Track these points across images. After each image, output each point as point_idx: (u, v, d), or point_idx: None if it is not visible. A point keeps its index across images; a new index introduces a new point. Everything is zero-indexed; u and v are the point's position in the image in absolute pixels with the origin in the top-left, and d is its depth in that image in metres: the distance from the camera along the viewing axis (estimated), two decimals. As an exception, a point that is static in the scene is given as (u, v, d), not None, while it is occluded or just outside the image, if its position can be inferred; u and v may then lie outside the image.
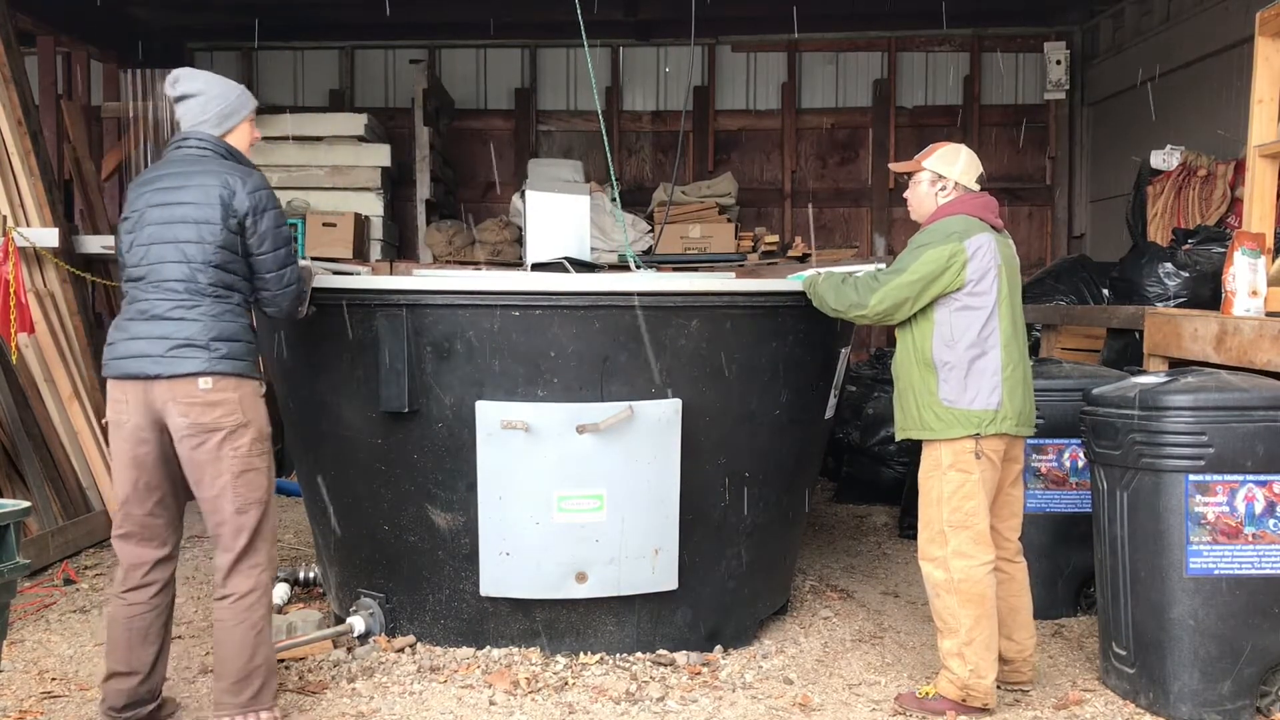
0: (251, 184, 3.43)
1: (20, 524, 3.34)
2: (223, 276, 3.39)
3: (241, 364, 3.40)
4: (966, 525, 3.71)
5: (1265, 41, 4.75)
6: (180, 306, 3.35)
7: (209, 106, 3.53)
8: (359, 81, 10.40)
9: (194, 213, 3.37)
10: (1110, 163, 9.28)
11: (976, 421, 3.69)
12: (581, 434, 3.97)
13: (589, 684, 4.01)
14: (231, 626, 3.44)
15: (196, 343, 3.33)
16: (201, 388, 3.33)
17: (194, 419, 3.33)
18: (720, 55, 10.28)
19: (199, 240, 3.36)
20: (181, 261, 3.36)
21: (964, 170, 3.89)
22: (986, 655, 3.72)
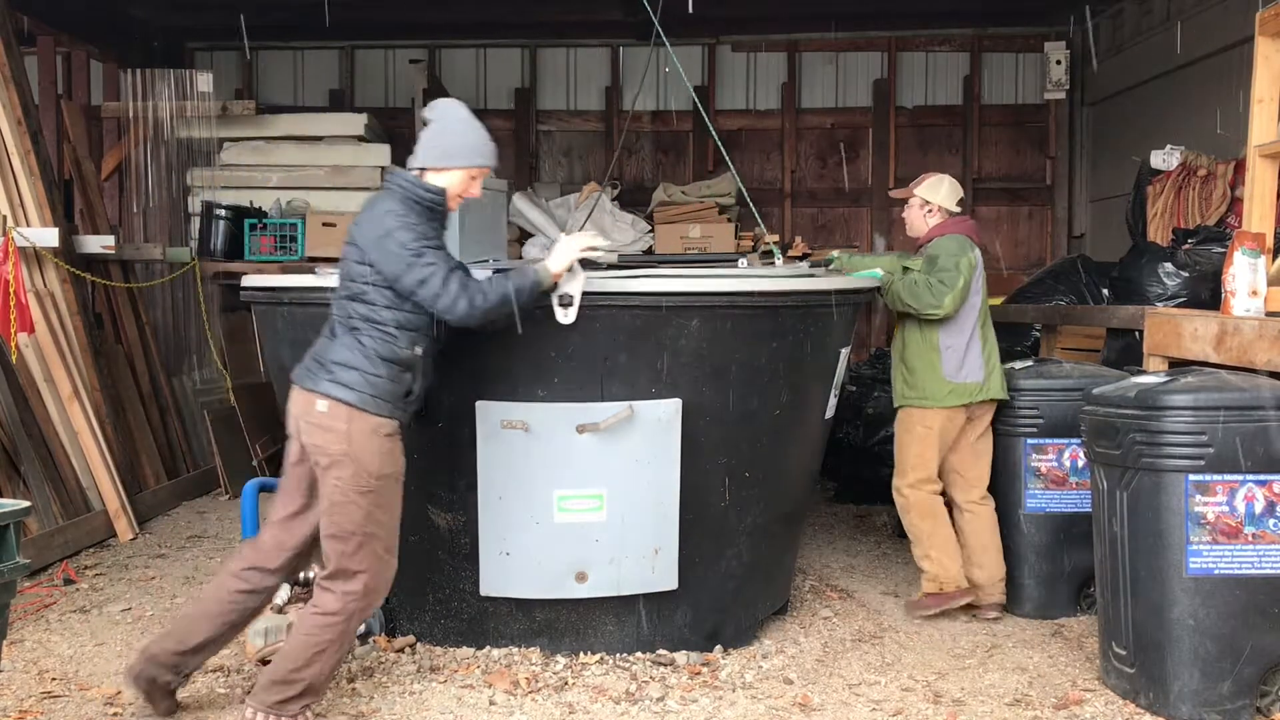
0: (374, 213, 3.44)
1: (20, 524, 3.34)
2: (357, 307, 3.44)
3: (355, 395, 3.39)
4: (926, 470, 4.85)
5: (1265, 41, 4.75)
6: (334, 327, 3.52)
7: (437, 138, 3.55)
8: (359, 81, 10.40)
9: (345, 249, 3.51)
10: (1110, 163, 9.28)
11: (969, 392, 4.79)
12: (581, 434, 3.97)
13: (589, 684, 4.01)
14: (300, 633, 3.49)
15: (322, 362, 3.45)
16: (318, 409, 3.40)
17: (310, 438, 3.44)
18: (720, 55, 10.29)
19: (343, 275, 3.50)
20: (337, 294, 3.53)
21: (946, 196, 4.96)
22: (946, 552, 4.80)
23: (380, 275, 3.41)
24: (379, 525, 3.47)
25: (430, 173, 3.54)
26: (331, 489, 3.41)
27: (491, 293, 3.49)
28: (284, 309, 4.37)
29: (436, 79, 9.70)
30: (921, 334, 4.80)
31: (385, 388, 3.43)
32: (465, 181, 3.59)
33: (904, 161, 10.12)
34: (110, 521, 6.18)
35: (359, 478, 3.40)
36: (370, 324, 3.43)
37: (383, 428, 3.44)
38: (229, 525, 6.53)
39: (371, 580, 3.49)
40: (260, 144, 8.68)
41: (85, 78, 8.88)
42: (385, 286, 3.42)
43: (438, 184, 3.54)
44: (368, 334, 3.43)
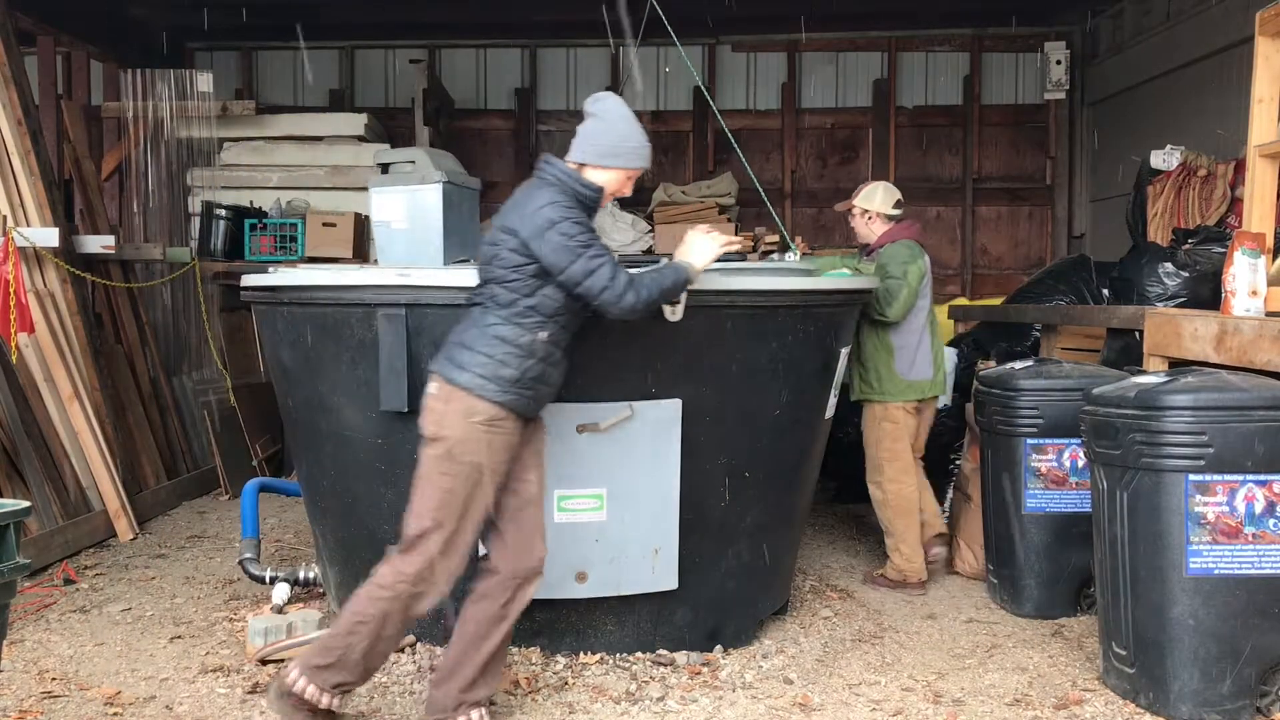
0: (535, 205, 3.40)
1: (20, 524, 3.34)
2: (497, 292, 3.42)
3: (464, 375, 3.36)
4: (896, 459, 5.23)
5: (1265, 41, 4.75)
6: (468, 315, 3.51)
7: (601, 135, 3.53)
8: (359, 81, 10.40)
9: (491, 235, 3.47)
10: (1110, 163, 9.28)
11: (922, 389, 5.26)
12: (581, 434, 3.97)
13: (589, 684, 4.01)
14: (356, 596, 3.44)
15: (448, 344, 3.46)
16: (429, 389, 3.43)
17: (422, 415, 3.46)
18: (720, 55, 10.29)
19: (487, 262, 3.47)
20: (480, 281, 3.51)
21: (882, 202, 5.36)
22: (915, 549, 5.28)
23: (537, 264, 3.38)
24: (450, 515, 3.39)
25: (590, 169, 3.53)
26: (421, 462, 3.42)
27: (651, 287, 3.50)
28: (283, 309, 4.37)
29: (436, 79, 9.70)
30: (876, 334, 5.18)
31: (495, 370, 3.37)
32: (621, 182, 3.59)
33: (904, 161, 10.13)
34: (110, 521, 6.19)
35: (443, 460, 3.37)
36: (505, 309, 3.41)
37: (481, 413, 3.36)
38: (229, 525, 6.53)
39: (426, 568, 3.38)
40: (260, 144, 8.69)
41: (85, 78, 8.89)
42: (534, 275, 3.39)
43: (596, 181, 3.53)
44: (498, 317, 3.41)
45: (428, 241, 4.79)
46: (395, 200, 4.87)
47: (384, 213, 4.90)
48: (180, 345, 8.28)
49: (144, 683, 4.08)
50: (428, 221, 4.81)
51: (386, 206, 4.90)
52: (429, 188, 4.81)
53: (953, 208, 10.14)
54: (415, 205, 4.83)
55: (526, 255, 3.38)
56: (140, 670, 4.21)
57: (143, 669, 4.22)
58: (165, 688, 4.03)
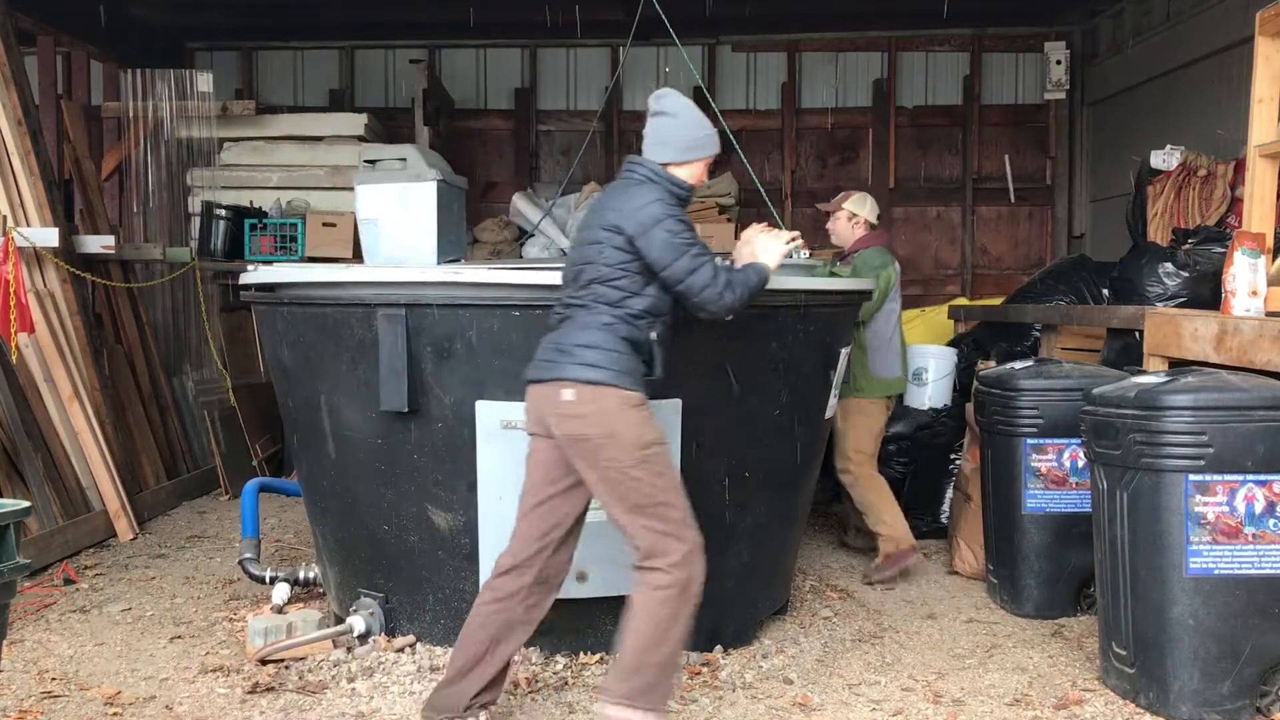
0: (640, 202, 3.43)
1: (20, 524, 3.34)
2: (607, 293, 3.43)
3: (601, 372, 3.35)
4: (865, 450, 5.56)
5: (1265, 41, 4.74)
6: (564, 319, 3.49)
7: (675, 132, 3.58)
8: (359, 81, 10.39)
9: (590, 235, 3.48)
10: (1110, 163, 9.27)
11: (892, 386, 5.62)
12: (581, 434, 3.96)
13: (589, 684, 4.01)
14: (639, 613, 3.36)
15: (563, 348, 3.41)
16: (564, 398, 3.36)
17: (564, 429, 3.38)
18: (720, 55, 10.28)
19: (590, 262, 3.45)
20: (575, 281, 3.49)
21: (870, 210, 5.71)
22: (896, 515, 5.50)
23: (641, 262, 3.41)
24: (665, 491, 3.40)
25: (673, 166, 3.57)
26: (605, 471, 3.36)
27: (743, 288, 3.54)
28: (284, 309, 4.38)
29: (436, 79, 9.69)
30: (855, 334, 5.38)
31: (628, 364, 3.40)
32: (702, 172, 3.64)
33: (904, 161, 10.12)
34: (110, 521, 6.19)
35: (626, 453, 3.35)
36: (615, 308, 3.42)
37: (631, 399, 3.39)
38: (229, 525, 6.53)
39: (686, 545, 3.38)
40: (260, 144, 8.68)
41: (85, 78, 8.88)
42: (639, 273, 3.43)
43: (682, 177, 3.58)
44: (612, 317, 3.42)
45: (421, 240, 4.73)
46: (385, 197, 4.76)
47: (372, 210, 4.78)
48: (180, 345, 8.28)
49: (144, 683, 4.08)
50: (421, 219, 4.73)
51: (375, 203, 4.78)
52: (423, 185, 4.75)
53: (953, 208, 10.13)
54: (408, 203, 4.74)
55: (631, 252, 3.41)
56: (140, 670, 4.21)
57: (143, 669, 4.22)
58: (165, 688, 4.03)
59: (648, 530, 3.37)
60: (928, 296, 9.87)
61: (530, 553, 3.48)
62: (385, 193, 4.78)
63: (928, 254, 10.15)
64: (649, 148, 3.60)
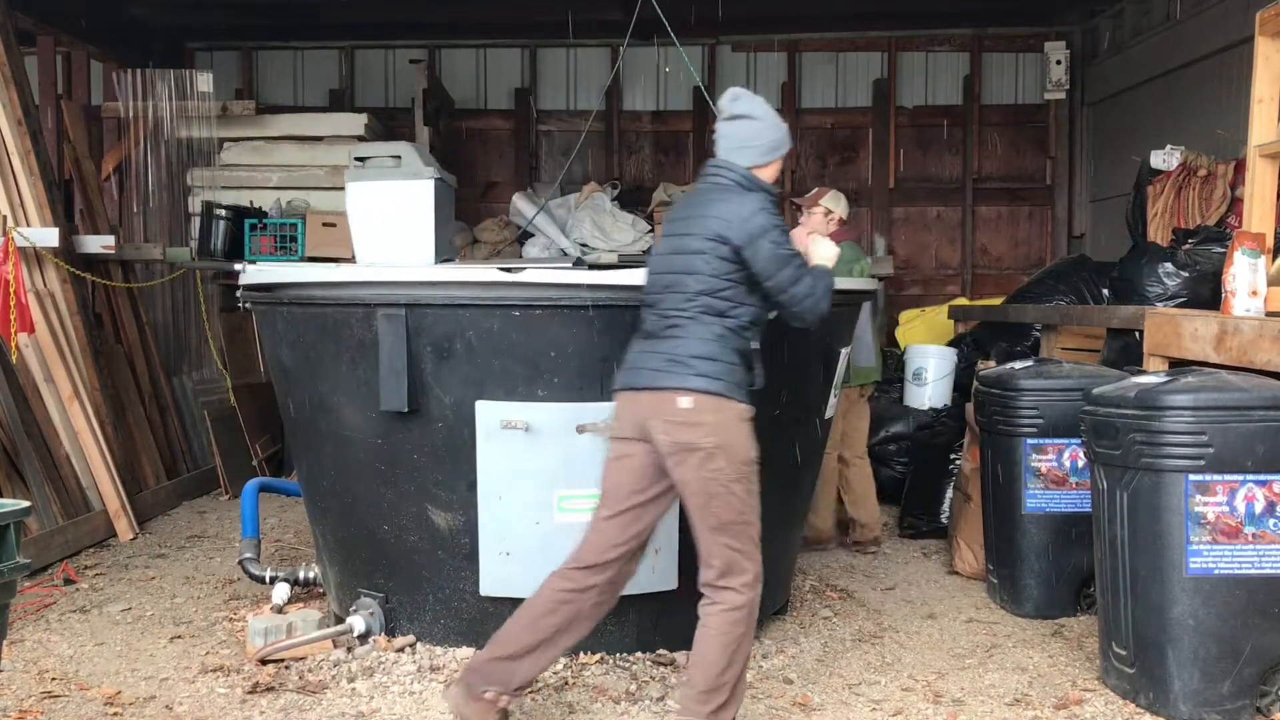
0: (746, 212, 3.41)
1: (20, 524, 3.34)
2: (712, 303, 3.41)
3: (720, 384, 3.36)
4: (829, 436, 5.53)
5: (1265, 41, 4.74)
6: (672, 328, 3.43)
7: (759, 135, 3.57)
8: (359, 81, 10.39)
9: (690, 244, 3.44)
10: (1110, 163, 9.27)
11: (869, 374, 5.99)
12: (582, 434, 3.97)
13: (589, 684, 4.01)
14: (711, 635, 3.37)
15: (677, 358, 3.37)
16: (681, 406, 3.34)
17: (673, 437, 3.35)
18: (720, 55, 10.28)
19: (692, 272, 3.42)
20: (677, 290, 3.44)
21: (844, 208, 5.90)
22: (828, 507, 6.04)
23: (745, 272, 3.42)
24: (751, 511, 3.43)
25: (758, 169, 3.57)
26: (707, 482, 3.35)
27: (827, 294, 3.55)
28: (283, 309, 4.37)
29: (436, 79, 9.69)
30: None
31: (739, 376, 3.42)
32: (778, 170, 3.65)
33: (904, 161, 10.12)
34: (110, 521, 6.18)
35: (733, 466, 3.36)
36: (724, 318, 3.42)
37: (744, 414, 3.42)
38: (229, 525, 6.53)
39: (757, 567, 3.42)
40: (260, 144, 8.68)
41: (85, 78, 8.87)
42: (743, 283, 3.43)
43: (766, 179, 3.59)
44: (723, 328, 3.42)
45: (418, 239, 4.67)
46: (380, 195, 4.67)
47: (365, 208, 4.68)
48: (180, 345, 8.28)
49: (144, 683, 4.08)
50: (418, 218, 4.67)
51: (368, 201, 4.69)
52: (420, 183, 4.69)
53: (953, 208, 10.13)
54: (404, 201, 4.66)
55: (737, 263, 3.41)
56: (140, 670, 4.21)
57: (143, 669, 4.22)
58: (165, 688, 4.03)
59: (727, 548, 3.38)
60: (928, 296, 9.87)
61: (610, 557, 3.49)
62: (379, 190, 4.69)
63: (928, 254, 10.15)
64: (730, 151, 3.56)
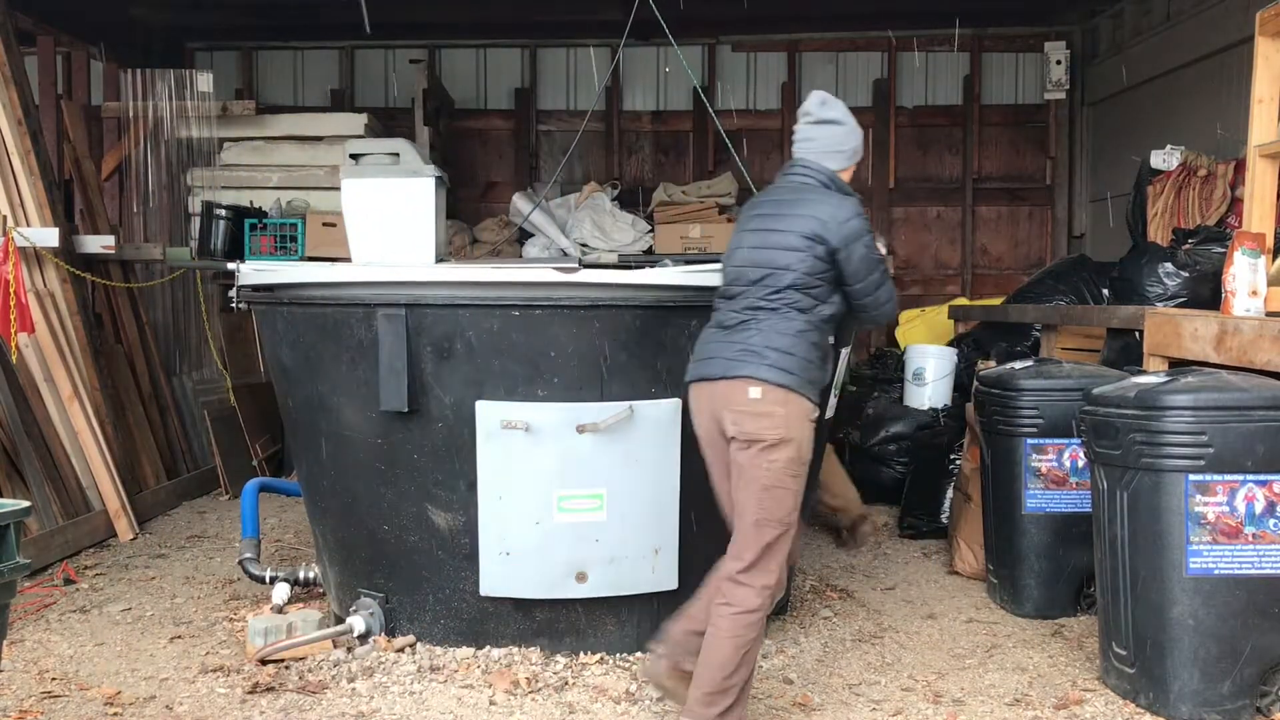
0: (843, 215, 3.50)
1: (20, 524, 3.34)
2: (798, 299, 3.47)
3: (793, 379, 3.40)
4: None
5: (1265, 41, 4.74)
6: (749, 322, 3.48)
7: (846, 140, 3.70)
8: (359, 81, 10.39)
9: (783, 240, 3.49)
10: (1110, 163, 9.28)
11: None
12: (581, 434, 3.97)
13: (589, 684, 4.01)
14: (723, 637, 3.37)
15: (753, 350, 3.42)
16: (750, 395, 3.38)
17: (741, 426, 3.39)
18: (720, 55, 10.28)
19: (785, 266, 3.47)
20: (764, 283, 3.49)
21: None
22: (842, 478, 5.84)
23: (835, 272, 3.49)
24: (792, 513, 3.46)
25: (842, 172, 3.70)
26: (764, 473, 3.39)
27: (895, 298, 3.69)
28: (283, 309, 4.37)
29: (436, 79, 9.69)
30: None
31: (815, 374, 3.48)
32: (852, 175, 3.76)
33: (904, 161, 10.12)
34: (110, 521, 6.18)
35: (793, 462, 3.41)
36: (808, 314, 3.48)
37: (812, 413, 3.47)
38: (229, 525, 6.53)
39: (781, 574, 3.46)
40: (260, 144, 8.68)
41: (85, 78, 8.87)
42: (830, 282, 3.51)
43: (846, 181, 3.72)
44: (805, 324, 3.47)
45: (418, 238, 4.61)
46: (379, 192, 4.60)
47: (361, 205, 4.60)
48: (180, 345, 8.28)
49: (144, 683, 4.08)
50: (419, 216, 4.60)
51: (365, 199, 4.60)
52: (422, 181, 4.63)
53: (953, 208, 10.14)
54: (404, 199, 4.58)
55: (829, 263, 3.48)
56: (140, 670, 4.21)
57: (143, 669, 4.22)
58: (165, 688, 4.03)
59: (762, 544, 3.40)
60: (928, 296, 9.87)
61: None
62: (378, 187, 4.62)
63: (928, 254, 10.15)
64: (820, 154, 3.66)
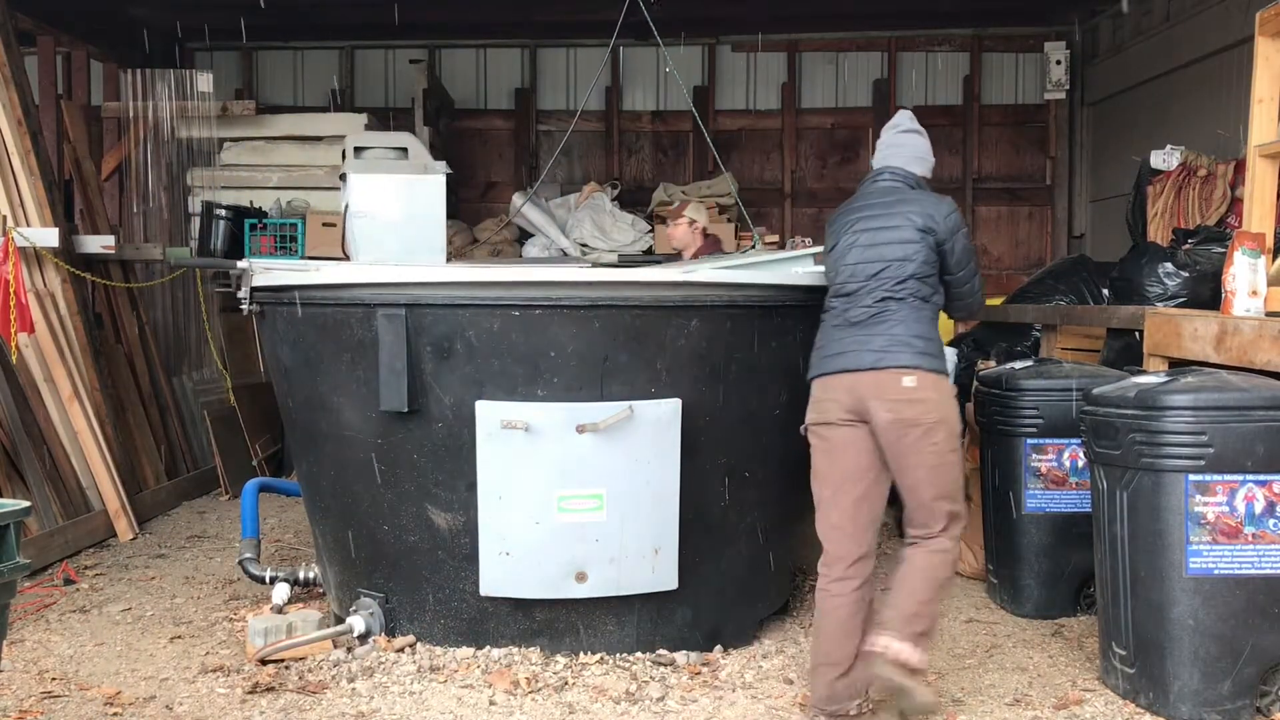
0: (945, 210, 3.79)
1: (20, 524, 3.34)
2: (920, 288, 3.73)
3: (937, 363, 3.68)
4: None
5: (1265, 41, 4.74)
6: (883, 314, 3.70)
7: (929, 149, 4.00)
8: (359, 81, 10.40)
9: (898, 235, 3.73)
10: (1110, 163, 9.28)
11: None
12: (581, 434, 3.97)
13: (589, 684, 4.01)
14: (920, 569, 3.67)
15: (903, 340, 3.65)
16: (905, 384, 3.60)
17: (898, 414, 3.59)
18: (720, 55, 10.28)
19: (903, 258, 3.71)
20: (887, 277, 3.71)
21: (708, 219, 6.37)
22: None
23: (940, 262, 3.77)
24: (961, 473, 3.79)
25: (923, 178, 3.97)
26: (929, 454, 3.62)
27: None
28: (283, 308, 4.37)
29: (436, 79, 9.69)
30: None
31: (943, 355, 3.76)
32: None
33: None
34: (110, 521, 6.19)
35: (951, 438, 3.66)
36: (926, 303, 3.75)
37: (952, 389, 3.78)
38: (229, 525, 6.53)
39: (963, 519, 3.75)
40: (260, 144, 8.68)
41: (85, 78, 8.88)
42: (937, 272, 3.77)
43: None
44: (929, 312, 3.76)
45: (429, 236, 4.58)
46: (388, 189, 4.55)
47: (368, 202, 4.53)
48: (180, 345, 8.28)
49: (144, 683, 4.08)
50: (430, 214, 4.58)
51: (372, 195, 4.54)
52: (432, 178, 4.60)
53: (952, 208, 10.14)
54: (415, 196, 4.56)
55: (938, 255, 3.76)
56: (140, 670, 4.21)
57: (143, 669, 4.22)
58: (165, 688, 4.03)
59: (946, 510, 3.68)
60: (928, 296, 9.86)
61: (870, 538, 3.76)
62: (386, 184, 4.57)
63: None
64: (907, 160, 3.93)
